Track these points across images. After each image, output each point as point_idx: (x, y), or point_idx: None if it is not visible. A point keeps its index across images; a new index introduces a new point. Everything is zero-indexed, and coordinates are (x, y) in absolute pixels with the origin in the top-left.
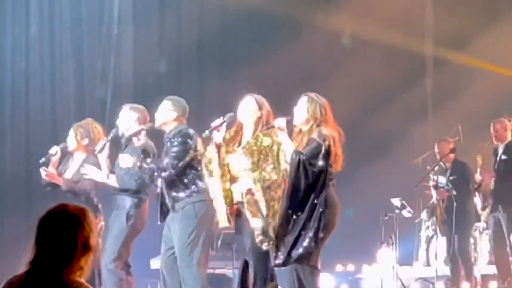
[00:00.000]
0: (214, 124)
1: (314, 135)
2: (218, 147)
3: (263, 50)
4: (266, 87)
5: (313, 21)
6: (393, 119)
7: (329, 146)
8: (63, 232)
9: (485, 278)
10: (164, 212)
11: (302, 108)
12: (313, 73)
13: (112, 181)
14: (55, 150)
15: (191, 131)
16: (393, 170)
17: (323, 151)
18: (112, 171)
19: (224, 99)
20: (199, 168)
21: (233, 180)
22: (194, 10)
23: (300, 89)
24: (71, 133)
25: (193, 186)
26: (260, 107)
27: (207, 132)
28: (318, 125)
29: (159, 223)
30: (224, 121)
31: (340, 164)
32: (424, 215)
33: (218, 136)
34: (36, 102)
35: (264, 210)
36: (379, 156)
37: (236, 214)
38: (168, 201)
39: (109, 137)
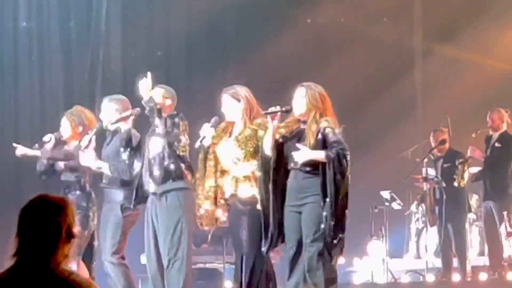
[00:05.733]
0: (202, 132)
1: (325, 124)
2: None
3: (251, 43)
4: (254, 80)
5: (301, 14)
6: (382, 112)
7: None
8: (47, 221)
9: (476, 269)
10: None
11: (302, 99)
12: (301, 65)
13: (106, 169)
14: (48, 137)
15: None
16: (382, 162)
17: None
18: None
19: (212, 92)
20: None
21: (223, 173)
22: (182, 3)
23: (288, 82)
24: (65, 121)
25: (181, 175)
26: (238, 100)
27: (198, 142)
28: (320, 114)
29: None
30: (212, 127)
31: None
32: (414, 207)
33: (207, 141)
34: (24, 97)
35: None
36: (368, 149)
37: (229, 208)
38: (151, 187)
39: (93, 132)
